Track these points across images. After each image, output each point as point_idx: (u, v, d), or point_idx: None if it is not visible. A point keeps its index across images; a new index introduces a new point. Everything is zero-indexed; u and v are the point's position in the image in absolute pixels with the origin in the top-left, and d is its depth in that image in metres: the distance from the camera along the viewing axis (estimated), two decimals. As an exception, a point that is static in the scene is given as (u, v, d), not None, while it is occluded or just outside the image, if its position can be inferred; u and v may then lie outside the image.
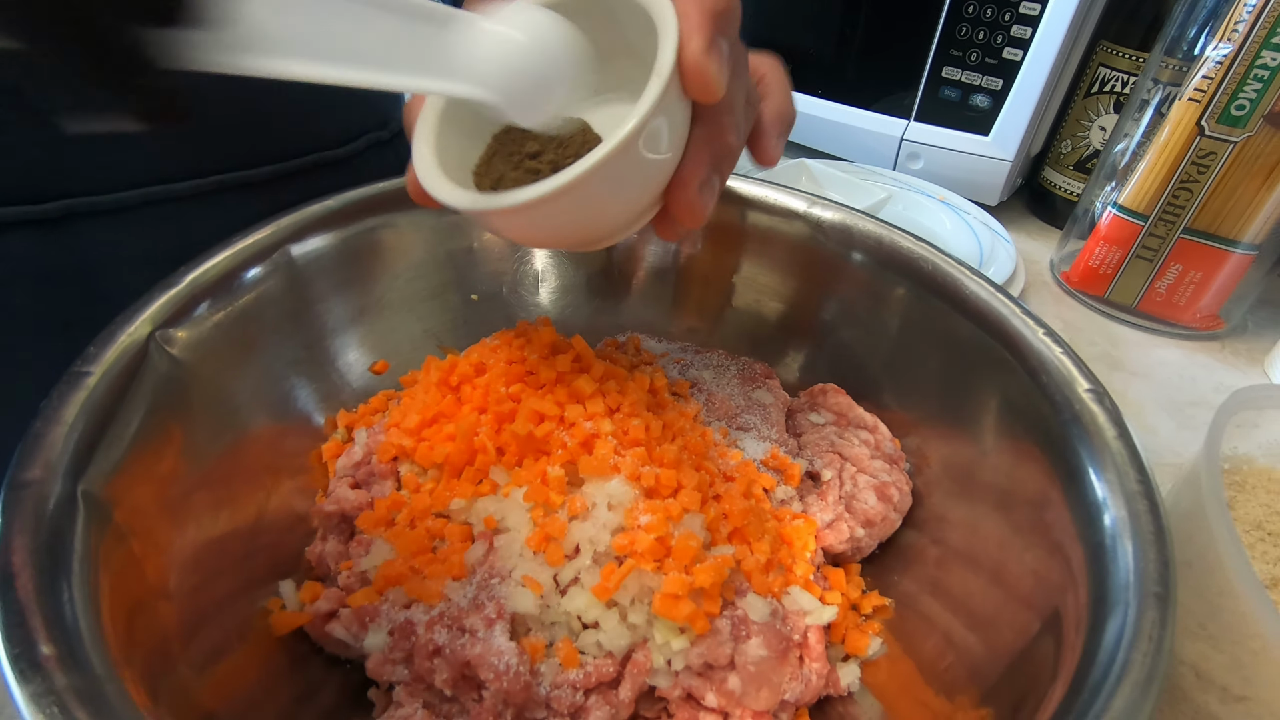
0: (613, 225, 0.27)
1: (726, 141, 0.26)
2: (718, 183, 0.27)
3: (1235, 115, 0.49)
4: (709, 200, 0.27)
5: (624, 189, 0.25)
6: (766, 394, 0.41)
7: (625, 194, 0.25)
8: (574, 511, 0.31)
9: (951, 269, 0.38)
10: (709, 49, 0.23)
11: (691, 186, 0.26)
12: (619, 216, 0.27)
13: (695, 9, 0.23)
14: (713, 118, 0.25)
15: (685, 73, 0.23)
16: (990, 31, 0.65)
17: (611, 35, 0.27)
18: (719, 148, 0.26)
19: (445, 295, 0.44)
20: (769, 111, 0.30)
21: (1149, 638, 0.22)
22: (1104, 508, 0.27)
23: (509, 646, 0.28)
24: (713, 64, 0.23)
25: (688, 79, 0.23)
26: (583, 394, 0.34)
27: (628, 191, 0.25)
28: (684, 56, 0.23)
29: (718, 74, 0.23)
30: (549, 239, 0.27)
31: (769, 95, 0.30)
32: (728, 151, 0.26)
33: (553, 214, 0.24)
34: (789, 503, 0.37)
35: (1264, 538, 0.29)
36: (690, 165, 0.26)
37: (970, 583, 0.32)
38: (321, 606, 0.30)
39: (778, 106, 0.30)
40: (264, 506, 0.33)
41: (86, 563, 0.22)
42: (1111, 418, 0.29)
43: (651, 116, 0.23)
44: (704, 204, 0.27)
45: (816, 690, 0.30)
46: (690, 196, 0.26)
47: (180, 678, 0.24)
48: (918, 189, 0.71)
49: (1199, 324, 0.58)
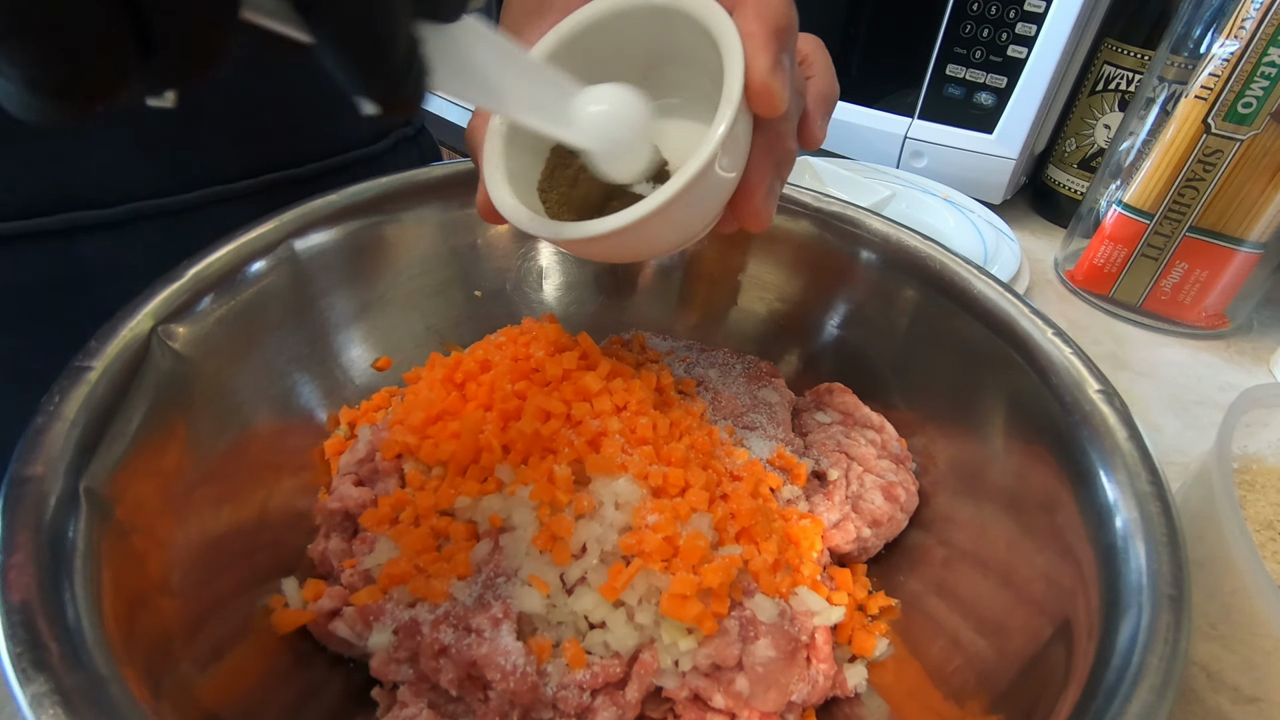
0: (681, 240, 0.29)
1: (786, 147, 0.27)
2: (779, 187, 0.28)
3: (1242, 113, 0.49)
4: (773, 206, 0.28)
5: (697, 208, 0.26)
6: (772, 393, 0.41)
7: (697, 212, 0.27)
8: (581, 510, 0.31)
9: (959, 268, 0.38)
10: (774, 69, 0.24)
11: (758, 196, 0.27)
12: (688, 232, 0.28)
13: (760, 27, 0.24)
14: (772, 126, 0.26)
15: (752, 93, 0.24)
16: (995, 29, 0.65)
17: (665, 41, 0.27)
18: (779, 154, 0.27)
19: (449, 291, 0.44)
20: (813, 93, 0.30)
21: (1164, 640, 0.22)
22: (1115, 509, 0.27)
23: (515, 646, 0.28)
24: (778, 83, 0.24)
25: (754, 99, 0.24)
26: (589, 392, 0.34)
27: (700, 210, 0.27)
28: (750, 77, 0.24)
29: (782, 92, 0.24)
30: (619, 257, 0.28)
31: (814, 76, 0.31)
32: (787, 156, 0.27)
33: (629, 239, 0.26)
34: (795, 502, 0.36)
35: (1275, 537, 0.29)
36: (755, 175, 0.27)
37: (978, 585, 0.32)
38: (325, 605, 0.30)
39: (822, 87, 0.31)
40: (266, 503, 0.33)
41: (88, 560, 0.22)
42: (1122, 418, 0.29)
43: (725, 140, 0.24)
44: (769, 210, 0.28)
45: (824, 691, 0.30)
46: (757, 205, 0.27)
47: (182, 676, 0.24)
48: (921, 187, 0.70)
49: (1204, 323, 0.58)
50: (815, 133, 0.30)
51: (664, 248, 0.29)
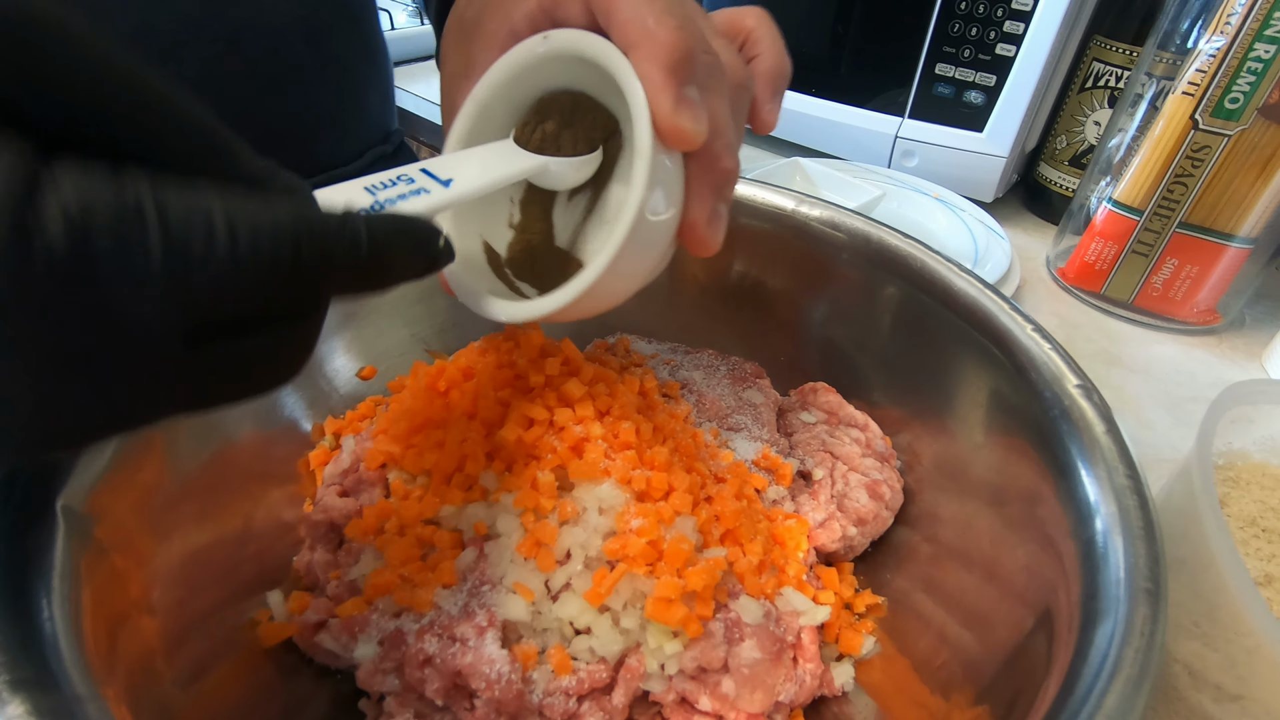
0: (636, 285, 0.29)
1: (723, 169, 0.26)
2: (724, 209, 0.27)
3: (1229, 109, 0.49)
4: (720, 229, 0.27)
5: (640, 258, 0.26)
6: (757, 394, 0.41)
7: (642, 260, 0.26)
8: (564, 516, 0.31)
9: (940, 266, 0.38)
10: (678, 107, 0.23)
11: (700, 225, 0.26)
12: (641, 277, 0.28)
13: (654, 69, 0.23)
14: (704, 152, 0.25)
15: (662, 136, 0.24)
16: (983, 28, 0.65)
17: (595, 77, 0.27)
18: (717, 176, 0.26)
19: (432, 299, 0.44)
20: (760, 73, 0.29)
21: (1140, 634, 0.22)
22: (1095, 504, 0.27)
23: (500, 654, 0.28)
24: (686, 120, 0.23)
25: (666, 139, 0.24)
26: (572, 397, 0.34)
27: (646, 255, 0.26)
28: (657, 123, 0.23)
29: (692, 127, 0.23)
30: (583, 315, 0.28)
31: (759, 52, 0.30)
32: (726, 177, 0.26)
33: (581, 306, 0.26)
34: (781, 503, 0.36)
35: (1258, 534, 0.29)
36: (694, 206, 0.26)
37: (963, 579, 0.32)
38: (310, 617, 0.30)
39: (769, 66, 0.29)
40: (250, 516, 0.33)
41: (67, 579, 0.22)
42: (1100, 413, 0.29)
43: (647, 193, 0.24)
44: (715, 235, 0.27)
45: (811, 691, 0.30)
46: (701, 235, 0.26)
47: (165, 694, 0.24)
48: (913, 186, 0.70)
49: (1196, 319, 0.58)
50: (764, 116, 0.29)
51: (620, 298, 0.29)
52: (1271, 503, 0.30)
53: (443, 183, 0.23)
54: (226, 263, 0.15)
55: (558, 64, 0.27)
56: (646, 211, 0.24)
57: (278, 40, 0.44)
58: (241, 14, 0.42)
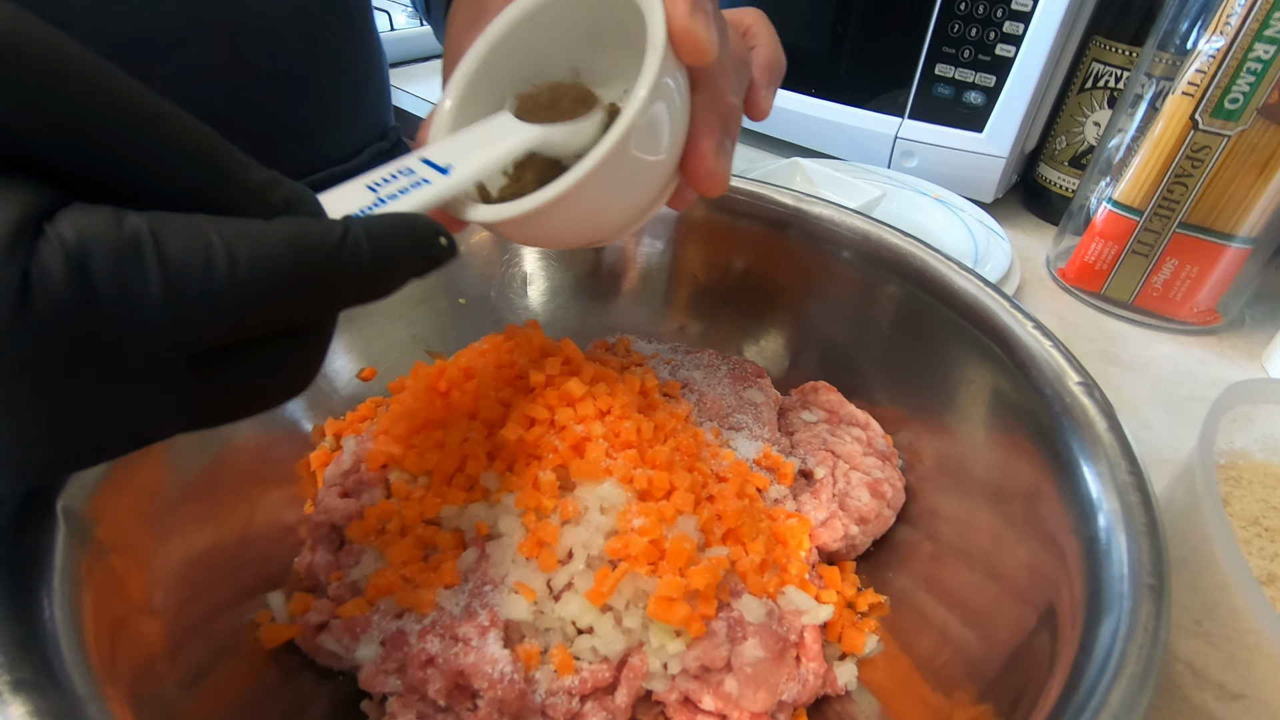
0: (622, 217, 0.27)
1: (729, 102, 0.26)
2: (729, 145, 0.27)
3: (1229, 109, 0.49)
4: (726, 165, 0.27)
5: (632, 174, 0.25)
6: (758, 393, 0.41)
7: (633, 179, 0.25)
8: (566, 516, 0.31)
9: (940, 265, 0.38)
10: (694, 11, 0.23)
11: (708, 155, 0.26)
12: (629, 206, 0.27)
13: None
14: (710, 81, 0.25)
15: (676, 38, 0.23)
16: (983, 28, 0.65)
17: (594, 23, 0.27)
18: (723, 109, 0.26)
19: (433, 299, 0.44)
20: (758, 62, 0.30)
21: (1144, 630, 0.22)
22: (1097, 501, 0.27)
23: (503, 654, 0.28)
24: (699, 24, 0.23)
25: (679, 43, 0.23)
26: (573, 397, 0.34)
27: (635, 177, 0.25)
28: (671, 23, 0.23)
29: (706, 33, 0.23)
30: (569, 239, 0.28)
31: (756, 44, 0.30)
32: (732, 112, 0.26)
33: (569, 211, 0.25)
34: (783, 502, 0.36)
35: (1261, 533, 0.29)
36: (702, 133, 0.26)
37: (965, 578, 0.32)
38: (312, 618, 0.30)
39: (766, 57, 0.30)
40: (251, 517, 0.33)
41: (68, 581, 0.22)
42: (1102, 410, 0.29)
43: (654, 92, 0.23)
44: (723, 169, 0.26)
45: (814, 690, 0.30)
46: (709, 165, 0.26)
47: (166, 696, 0.24)
48: (913, 187, 0.70)
49: (1196, 319, 0.58)
50: (761, 102, 0.30)
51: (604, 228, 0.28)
52: (1273, 501, 0.30)
53: (442, 170, 0.23)
54: (226, 291, 0.15)
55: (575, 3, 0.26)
56: (648, 116, 0.23)
57: (275, 39, 0.44)
58: (239, 14, 0.42)
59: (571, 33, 0.28)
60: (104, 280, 0.14)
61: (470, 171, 0.24)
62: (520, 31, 0.27)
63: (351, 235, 0.18)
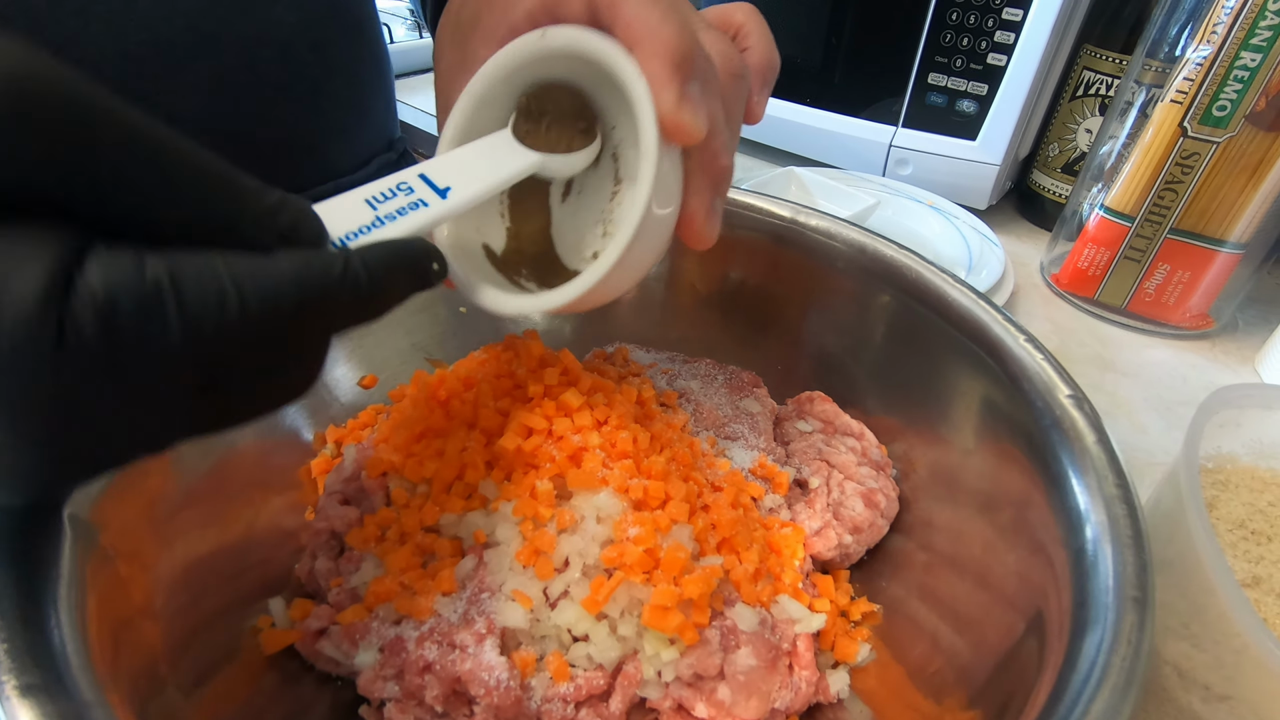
0: (636, 279, 0.29)
1: (720, 165, 0.27)
2: (720, 205, 0.28)
3: (1217, 116, 0.50)
4: (716, 224, 0.28)
5: (644, 252, 0.27)
6: (754, 403, 0.42)
7: (645, 255, 0.27)
8: (563, 525, 0.31)
9: (934, 276, 0.38)
10: (681, 101, 0.24)
11: (699, 220, 0.27)
12: (641, 271, 0.29)
13: (658, 65, 0.24)
14: (703, 149, 0.26)
15: (666, 131, 0.24)
16: (975, 38, 0.66)
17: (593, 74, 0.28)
18: (714, 173, 0.27)
19: (434, 308, 0.45)
20: (750, 65, 0.30)
21: (1127, 642, 0.22)
22: (1085, 512, 0.27)
23: (499, 661, 0.28)
24: (688, 115, 0.24)
25: (669, 134, 0.24)
26: (570, 407, 0.34)
27: (647, 253, 0.27)
28: (661, 117, 0.24)
29: (695, 121, 0.24)
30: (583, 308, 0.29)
31: (749, 46, 0.31)
32: (723, 174, 0.27)
33: (588, 299, 0.27)
34: (777, 511, 0.37)
35: (1247, 536, 0.29)
36: (694, 202, 0.27)
37: (957, 586, 0.33)
38: (312, 624, 0.30)
39: (759, 59, 0.31)
40: (253, 523, 0.33)
41: (73, 587, 0.22)
42: (1091, 423, 0.29)
43: (654, 189, 0.24)
44: (713, 230, 0.28)
45: (806, 698, 0.31)
46: (699, 228, 0.27)
47: (168, 700, 0.24)
48: (907, 195, 0.71)
49: (1188, 323, 0.59)
50: (754, 108, 0.30)
51: (618, 293, 0.30)
52: (1260, 505, 0.31)
53: (440, 192, 0.24)
54: (237, 330, 0.17)
55: (555, 61, 0.27)
56: (653, 207, 0.25)
57: (285, 52, 0.45)
58: (250, 27, 0.43)
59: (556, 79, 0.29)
60: (130, 328, 0.16)
61: (469, 196, 0.25)
62: (503, 86, 0.28)
63: (351, 268, 0.19)
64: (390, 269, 0.20)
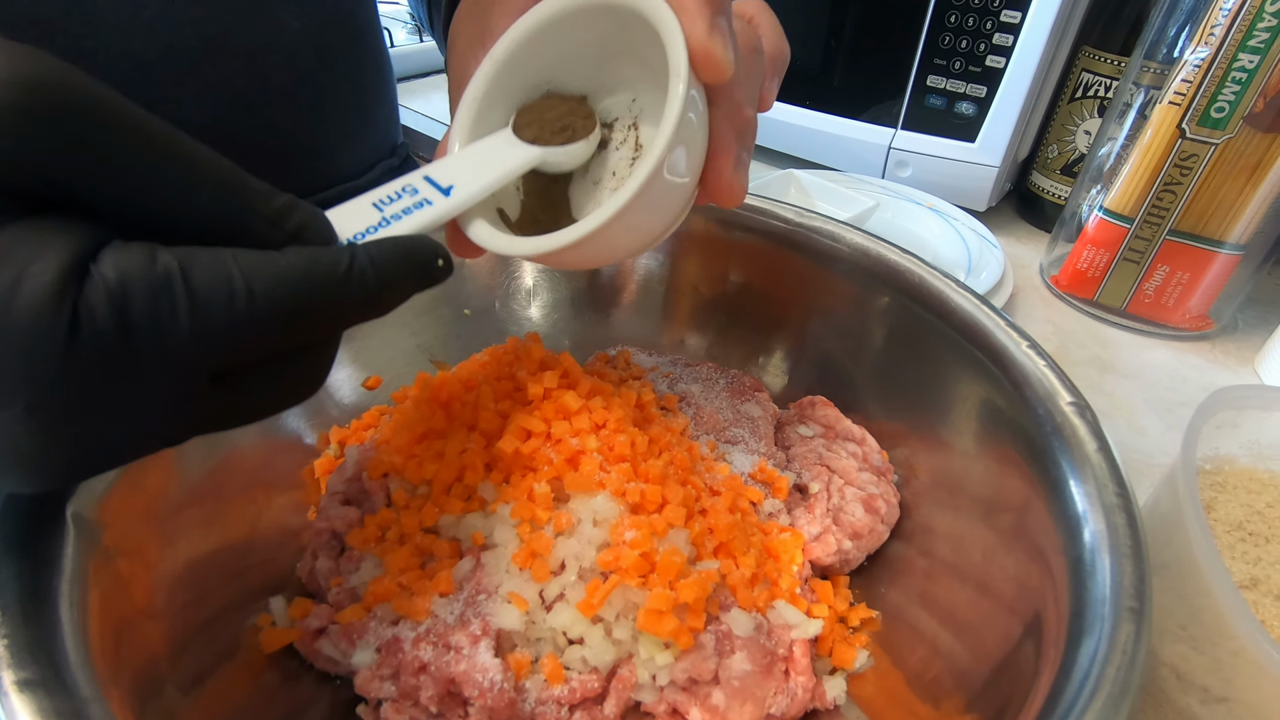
0: (646, 240, 0.29)
1: (745, 116, 0.27)
2: (746, 157, 0.28)
3: (1215, 118, 0.50)
4: (744, 177, 0.28)
5: (661, 200, 0.26)
6: (755, 407, 0.42)
7: (659, 207, 0.26)
8: (560, 528, 0.31)
9: (936, 281, 0.38)
10: (712, 32, 0.24)
11: (727, 170, 0.27)
12: (653, 229, 0.28)
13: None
14: (727, 96, 0.26)
15: (695, 58, 0.24)
16: (973, 40, 0.66)
17: (606, 36, 0.28)
18: (740, 123, 0.27)
19: (438, 310, 0.45)
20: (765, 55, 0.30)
21: (1123, 652, 0.22)
22: (1084, 520, 0.27)
23: (494, 663, 0.28)
24: (718, 45, 0.24)
25: (698, 64, 0.24)
26: (569, 410, 0.34)
27: (664, 202, 0.26)
28: (691, 45, 0.24)
29: (725, 54, 0.24)
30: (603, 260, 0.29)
31: (760, 35, 0.31)
32: (748, 125, 0.27)
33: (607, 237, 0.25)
34: (777, 516, 0.37)
35: (1244, 538, 0.29)
36: (720, 149, 0.26)
37: (957, 593, 0.32)
38: (311, 623, 0.31)
39: (770, 47, 0.31)
40: (256, 523, 0.33)
41: (75, 585, 0.22)
42: (1092, 430, 0.29)
43: (682, 117, 0.23)
44: (741, 182, 0.27)
45: (802, 704, 0.31)
46: (728, 179, 0.27)
47: (168, 697, 0.24)
48: (907, 197, 0.71)
49: (1188, 324, 0.58)
50: (765, 95, 0.30)
51: (626, 251, 0.29)
52: (1257, 506, 0.31)
53: (444, 191, 0.25)
54: (245, 321, 0.17)
55: (579, 18, 0.27)
56: (678, 138, 0.24)
57: (291, 59, 0.46)
58: (255, 35, 0.43)
59: (578, 47, 0.29)
60: (141, 315, 0.16)
61: (472, 192, 0.25)
62: (527, 49, 0.28)
63: (358, 263, 0.20)
64: (395, 264, 0.21)
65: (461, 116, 0.28)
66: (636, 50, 0.27)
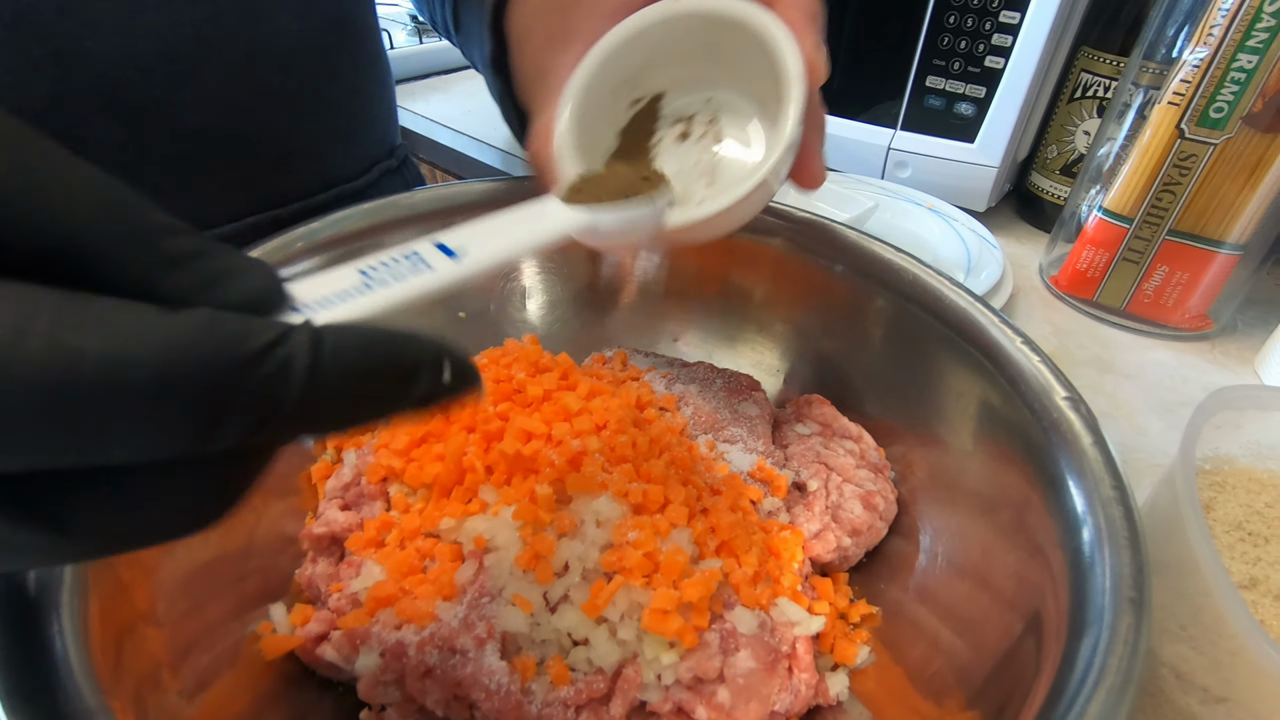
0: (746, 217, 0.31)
1: (821, 113, 0.31)
2: (822, 146, 0.31)
3: (1214, 118, 0.50)
4: (825, 163, 0.31)
5: (783, 173, 0.29)
6: (752, 406, 0.42)
7: (781, 178, 0.30)
8: (562, 529, 0.31)
9: (931, 279, 0.38)
10: (818, 47, 0.28)
11: (816, 160, 0.30)
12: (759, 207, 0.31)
13: (799, 14, 0.28)
14: (814, 96, 0.29)
15: (809, 71, 0.28)
16: (972, 41, 0.66)
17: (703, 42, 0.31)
18: (817, 120, 0.30)
19: (433, 313, 0.45)
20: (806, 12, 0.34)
21: (1124, 642, 0.23)
22: (1082, 515, 0.27)
23: (500, 666, 0.28)
24: (822, 58, 0.28)
25: (810, 75, 0.28)
26: (569, 411, 0.35)
27: (783, 174, 0.30)
28: (807, 57, 0.28)
29: (826, 64, 0.28)
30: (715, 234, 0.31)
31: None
32: (823, 120, 0.31)
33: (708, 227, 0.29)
34: (776, 514, 0.37)
35: (1244, 538, 0.29)
36: (811, 143, 0.30)
37: (956, 588, 0.33)
38: (312, 629, 0.30)
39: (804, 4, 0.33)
40: (254, 529, 0.33)
41: (75, 592, 0.22)
42: (1087, 424, 0.29)
43: (798, 123, 0.28)
44: (824, 169, 0.31)
45: (806, 700, 0.31)
46: (816, 169, 0.31)
47: (170, 705, 0.24)
48: (906, 197, 0.71)
49: (1188, 324, 0.59)
50: None
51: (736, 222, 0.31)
52: (1257, 506, 0.31)
53: (451, 254, 0.20)
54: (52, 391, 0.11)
55: (682, 24, 0.30)
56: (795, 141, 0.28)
57: (289, 60, 0.46)
58: (254, 37, 0.43)
59: (666, 49, 0.31)
60: None
61: (483, 258, 0.21)
62: (625, 48, 0.30)
63: (291, 344, 0.13)
64: (357, 362, 0.14)
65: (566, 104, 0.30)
66: (719, 54, 0.30)
